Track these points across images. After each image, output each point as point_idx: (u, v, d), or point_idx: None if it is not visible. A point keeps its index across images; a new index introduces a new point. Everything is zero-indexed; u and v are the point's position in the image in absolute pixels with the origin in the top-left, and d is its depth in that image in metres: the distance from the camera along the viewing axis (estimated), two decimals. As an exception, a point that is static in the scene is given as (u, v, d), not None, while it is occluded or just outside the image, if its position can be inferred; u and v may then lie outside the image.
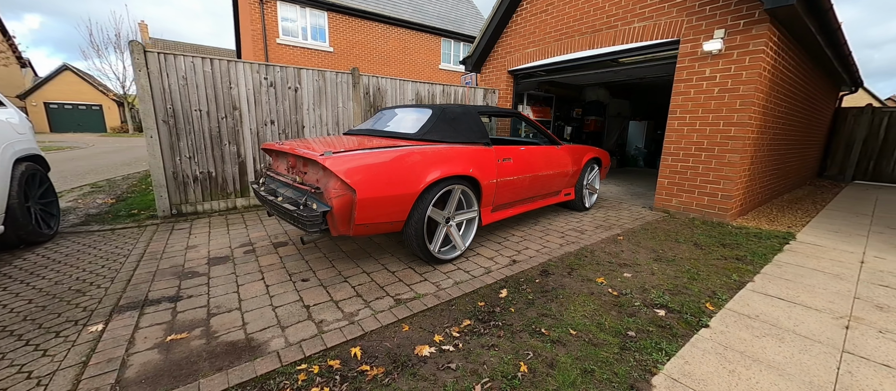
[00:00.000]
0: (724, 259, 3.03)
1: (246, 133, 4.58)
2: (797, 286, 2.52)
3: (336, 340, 1.90)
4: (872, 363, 1.69)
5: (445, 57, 15.07)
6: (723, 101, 4.15)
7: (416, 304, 2.27)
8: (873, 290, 2.48)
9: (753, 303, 2.25)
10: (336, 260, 2.99)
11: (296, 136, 4.96)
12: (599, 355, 1.70)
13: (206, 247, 3.28)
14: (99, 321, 2.07)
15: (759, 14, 3.78)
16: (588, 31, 5.44)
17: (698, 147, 4.42)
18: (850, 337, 1.90)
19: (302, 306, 2.26)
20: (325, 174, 2.41)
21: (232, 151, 4.52)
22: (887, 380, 1.57)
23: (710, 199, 4.38)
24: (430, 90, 6.21)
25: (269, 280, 2.62)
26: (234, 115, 4.46)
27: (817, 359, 1.70)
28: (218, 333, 1.97)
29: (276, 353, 1.79)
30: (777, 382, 1.53)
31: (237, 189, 4.64)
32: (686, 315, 2.07)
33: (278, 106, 4.76)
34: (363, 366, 1.69)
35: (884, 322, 2.06)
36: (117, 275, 2.68)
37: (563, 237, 3.67)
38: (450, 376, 1.58)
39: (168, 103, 4.05)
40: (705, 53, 4.19)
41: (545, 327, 1.95)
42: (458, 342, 1.86)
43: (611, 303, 2.25)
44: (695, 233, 3.80)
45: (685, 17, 4.35)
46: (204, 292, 2.43)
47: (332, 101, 5.18)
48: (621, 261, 3.00)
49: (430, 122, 3.05)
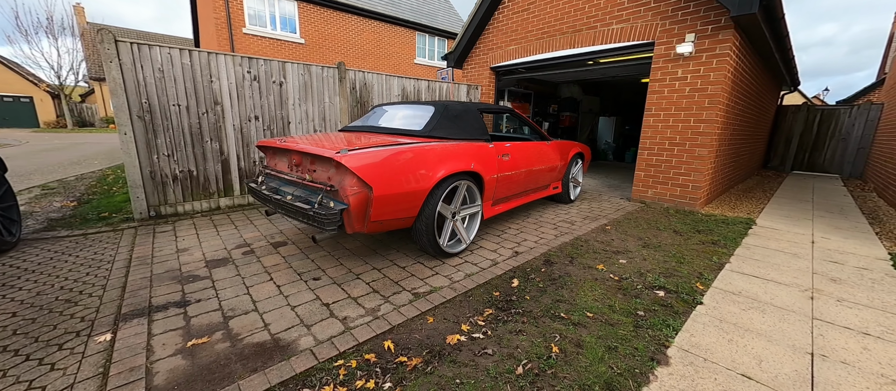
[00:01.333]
0: (702, 244, 3.36)
1: (229, 129, 4.37)
2: (766, 265, 2.87)
3: (366, 335, 1.93)
4: (837, 326, 1.99)
5: (420, 52, 14.99)
6: (693, 100, 4.53)
7: (435, 297, 2.34)
8: (826, 266, 2.88)
9: (735, 281, 2.54)
10: (342, 258, 2.98)
11: (281, 132, 4.80)
12: (618, 333, 1.87)
13: (199, 249, 3.14)
14: (104, 330, 1.96)
15: (725, 20, 4.16)
16: (569, 30, 5.69)
17: (671, 142, 4.79)
18: (816, 306, 2.22)
19: (321, 304, 2.26)
20: (339, 171, 2.40)
21: (214, 149, 4.30)
22: (851, 339, 1.87)
23: (682, 190, 4.79)
24: (415, 86, 6.21)
25: (279, 280, 2.58)
26: (215, 110, 4.24)
27: (794, 326, 1.98)
28: (241, 335, 1.93)
29: (310, 351, 1.80)
30: (768, 346, 1.77)
31: (220, 188, 4.43)
32: (682, 294, 2.31)
33: (263, 101, 4.58)
34: (400, 357, 1.75)
35: (839, 292, 2.41)
36: (108, 283, 2.52)
37: (557, 228, 3.87)
38: (489, 361, 1.68)
39: (143, 97, 3.79)
40: (678, 55, 4.55)
41: (563, 312, 2.10)
42: (485, 330, 1.96)
43: (615, 287, 2.45)
44: (672, 222, 4.15)
45: (660, 21, 4.68)
46: (212, 295, 2.35)
47: (318, 96, 5.06)
48: (614, 248, 3.24)
49: (435, 119, 3.10)
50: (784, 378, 1.56)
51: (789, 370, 1.61)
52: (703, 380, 1.54)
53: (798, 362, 1.67)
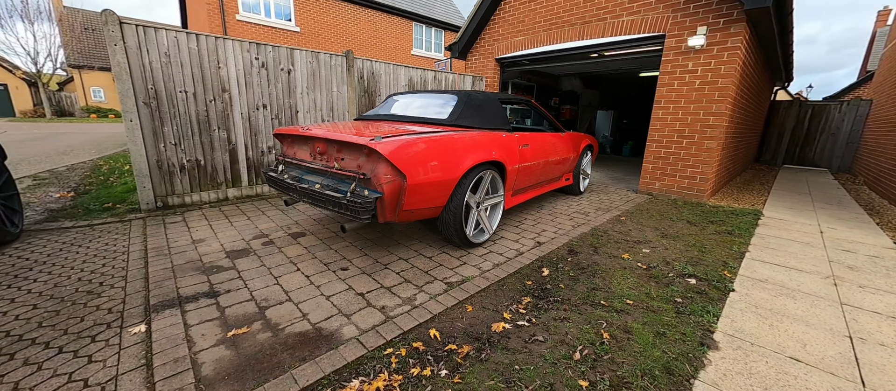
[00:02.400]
0: (718, 234, 3.43)
1: (237, 117, 4.25)
2: (783, 254, 2.94)
3: (409, 324, 1.91)
4: (866, 311, 2.06)
5: (417, 42, 14.80)
6: (703, 93, 4.59)
7: (470, 286, 2.33)
8: (840, 255, 2.97)
9: (759, 270, 2.60)
10: (366, 248, 2.94)
11: (289, 121, 4.69)
12: (662, 320, 1.89)
13: (216, 240, 3.05)
14: (136, 322, 1.89)
15: (737, 13, 4.20)
16: (577, 22, 5.68)
17: (680, 135, 4.86)
18: (841, 292, 2.29)
19: (355, 294, 2.22)
20: (370, 159, 2.35)
21: (222, 137, 4.18)
22: (883, 323, 1.93)
23: (689, 182, 4.87)
24: (422, 76, 6.13)
25: (307, 270, 2.53)
26: (223, 97, 4.11)
27: (826, 311, 2.03)
28: (281, 325, 1.89)
29: (356, 340, 1.77)
30: (807, 331, 1.82)
31: (228, 178, 4.31)
32: (713, 282, 2.35)
33: (271, 89, 4.46)
34: (449, 345, 1.73)
35: (859, 279, 2.50)
36: (128, 274, 2.43)
37: (572, 219, 3.89)
38: (542, 348, 1.68)
39: (149, 83, 3.64)
40: (689, 48, 4.59)
41: (602, 299, 2.12)
42: (529, 317, 1.96)
43: (645, 275, 2.48)
44: (683, 213, 4.22)
45: (671, 14, 4.70)
46: (241, 286, 2.29)
47: (326, 84, 4.95)
48: (634, 239, 3.27)
49: (459, 108, 3.07)
50: (830, 360, 1.61)
51: (834, 352, 1.66)
52: (755, 363, 1.57)
53: (840, 345, 1.72)
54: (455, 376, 1.51)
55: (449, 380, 1.49)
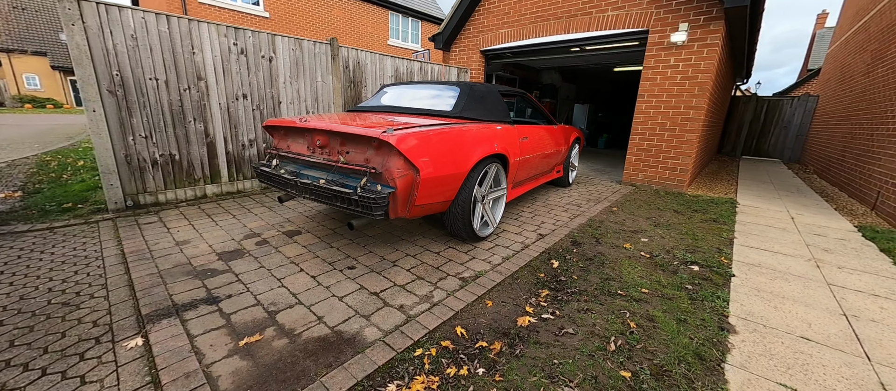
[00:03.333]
0: (705, 222, 3.62)
1: (214, 108, 3.93)
2: (766, 239, 3.15)
3: (433, 322, 1.85)
4: (850, 290, 2.24)
5: (394, 33, 14.44)
6: (684, 88, 4.79)
7: (484, 281, 2.30)
8: (814, 239, 3.22)
9: (750, 255, 2.76)
10: (369, 245, 2.83)
11: (272, 113, 4.41)
12: (679, 307, 1.96)
13: (203, 241, 2.82)
14: (130, 335, 1.70)
15: (716, 11, 4.41)
16: (563, 15, 5.74)
17: (662, 127, 5.06)
18: (825, 273, 2.48)
19: (369, 294, 2.13)
20: (380, 152, 2.24)
21: (198, 130, 3.86)
22: (867, 300, 2.11)
23: (671, 173, 5.10)
24: (408, 67, 5.97)
25: (311, 270, 2.40)
26: (198, 86, 3.79)
27: (818, 292, 2.19)
28: (296, 330, 1.77)
29: (382, 342, 1.69)
30: (808, 311, 1.95)
31: (206, 174, 4.00)
32: (714, 268, 2.47)
33: (251, 77, 4.16)
34: (480, 343, 1.70)
35: (836, 261, 2.72)
36: (108, 281, 2.19)
37: (567, 211, 3.96)
38: (574, 340, 1.68)
39: (114, 69, 3.28)
40: (671, 44, 4.76)
41: (618, 289, 2.16)
42: (552, 310, 1.96)
43: (650, 263, 2.56)
44: (667, 202, 4.41)
45: (654, 10, 4.85)
46: (242, 290, 2.13)
47: (310, 73, 4.69)
48: (630, 228, 3.38)
49: (463, 100, 3.00)
50: (835, 337, 1.73)
51: (835, 330, 1.79)
52: (772, 344, 1.66)
53: (838, 323, 1.85)
54: (495, 374, 1.48)
55: (489, 379, 1.45)
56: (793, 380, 1.44)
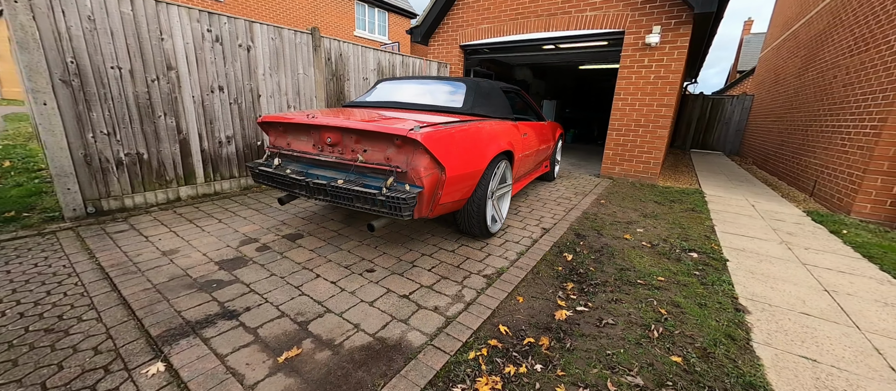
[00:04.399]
0: (685, 211, 3.93)
1: (187, 101, 3.56)
2: (740, 226, 3.50)
3: (475, 322, 1.84)
4: (821, 268, 2.56)
5: (360, 23, 13.94)
6: (656, 86, 5.15)
7: (509, 277, 2.32)
8: (776, 224, 3.63)
9: (733, 241, 3.06)
10: (381, 246, 2.74)
11: (251, 107, 4.09)
12: (695, 292, 2.12)
13: (193, 250, 2.56)
14: (147, 360, 1.51)
15: (686, 16, 4.76)
16: (544, 13, 5.88)
17: (637, 124, 5.40)
18: (797, 254, 2.81)
19: (399, 297, 2.07)
20: (403, 150, 2.17)
21: (169, 125, 3.48)
22: (837, 277, 2.43)
23: (644, 166, 5.47)
24: (390, 60, 5.81)
25: (329, 275, 2.27)
26: (168, 76, 3.41)
27: (798, 271, 2.48)
28: (336, 340, 1.68)
29: (431, 346, 1.65)
30: (797, 289, 2.21)
31: (179, 175, 3.63)
32: (710, 254, 2.70)
33: (228, 68, 3.82)
34: (527, 339, 1.72)
35: (801, 243, 3.09)
36: (95, 301, 1.92)
37: (560, 204, 4.11)
38: (617, 330, 1.76)
39: (68, 55, 2.85)
40: (645, 45, 5.08)
41: (636, 278, 2.29)
42: (584, 302, 2.03)
43: (654, 252, 2.74)
44: (646, 194, 4.73)
45: (630, 12, 5.14)
46: (259, 300, 1.97)
47: (291, 65, 4.41)
48: (623, 220, 3.58)
49: (471, 97, 2.98)
50: (827, 311, 1.98)
51: (824, 305, 2.04)
52: (782, 321, 1.86)
53: (824, 298, 2.12)
54: (555, 369, 1.51)
55: (552, 375, 1.48)
56: (810, 352, 1.62)
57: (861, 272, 2.52)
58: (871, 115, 3.97)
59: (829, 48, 5.63)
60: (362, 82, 5.39)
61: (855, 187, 3.99)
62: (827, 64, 5.61)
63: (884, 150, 3.74)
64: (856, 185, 3.99)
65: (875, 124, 3.87)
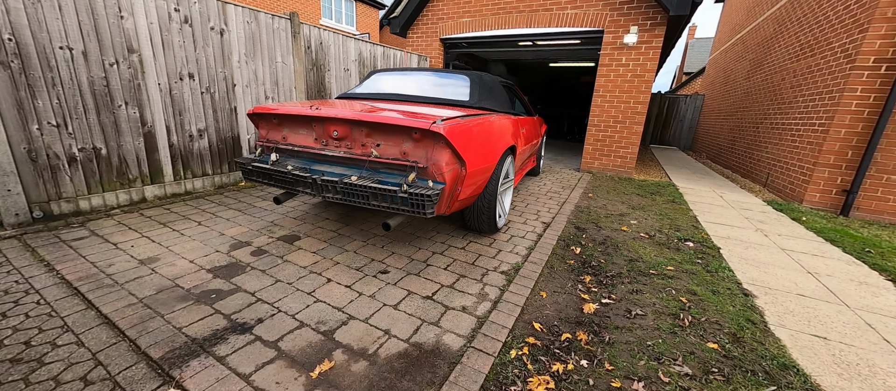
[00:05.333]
0: (667, 203, 4.16)
1: (152, 89, 3.17)
2: (718, 215, 3.76)
3: (508, 321, 1.80)
4: (798, 252, 2.81)
5: (326, 11, 13.29)
6: (633, 84, 5.39)
7: (526, 272, 2.30)
8: (746, 213, 3.95)
9: (717, 229, 3.27)
10: (388, 246, 2.61)
11: (225, 97, 3.73)
12: (704, 279, 2.23)
13: (177, 257, 2.28)
14: (155, 388, 1.30)
15: (661, 18, 5.02)
16: (526, 10, 5.94)
17: (615, 120, 5.64)
18: (773, 240, 3.07)
19: (422, 298, 1.97)
20: (421, 145, 2.06)
21: (132, 116, 3.07)
22: (813, 259, 2.68)
23: (621, 161, 5.73)
24: (371, 51, 5.57)
25: (341, 279, 2.12)
26: (130, 60, 3.00)
27: (781, 256, 2.71)
28: (369, 349, 1.56)
29: (471, 348, 1.58)
30: (787, 273, 2.40)
31: (145, 173, 3.22)
32: (703, 243, 2.86)
33: (199, 53, 3.44)
34: (564, 334, 1.70)
35: (771, 229, 3.38)
36: (68, 322, 1.63)
37: (551, 198, 4.18)
38: (648, 321, 1.79)
39: (5, 32, 2.40)
40: (623, 44, 5.29)
41: (648, 269, 2.36)
42: (608, 294, 2.06)
43: (654, 243, 2.86)
44: (626, 187, 4.96)
45: (609, 11, 5.32)
46: (271, 310, 1.79)
47: (268, 52, 4.07)
48: (614, 212, 3.71)
49: (476, 90, 2.92)
50: (817, 291, 2.17)
51: (814, 286, 2.24)
52: (785, 302, 2.00)
53: (811, 281, 2.32)
54: (603, 363, 1.50)
55: (601, 370, 1.47)
56: (819, 331, 1.77)
57: (829, 255, 2.80)
58: (819, 114, 4.44)
59: (777, 52, 6.22)
60: (343, 73, 5.12)
61: (806, 179, 4.45)
62: (775, 67, 6.20)
63: (830, 146, 4.20)
64: (807, 177, 4.45)
65: (823, 122, 4.33)
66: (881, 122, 3.88)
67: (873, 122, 3.97)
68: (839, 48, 4.32)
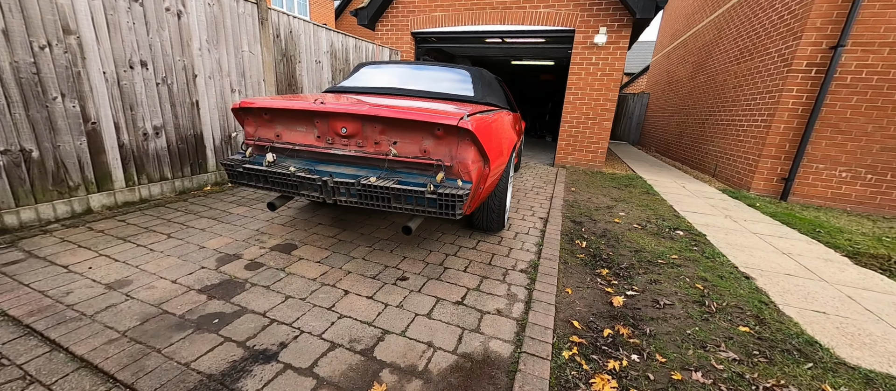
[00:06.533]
0: (643, 195, 4.43)
1: (95, 78, 2.67)
2: (691, 205, 4.08)
3: (548, 321, 1.76)
4: (766, 235, 3.13)
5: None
6: (603, 83, 5.67)
7: (545, 270, 2.28)
8: (711, 202, 4.34)
9: (695, 218, 3.54)
10: (397, 250, 2.46)
11: (184, 88, 3.27)
12: (708, 265, 2.37)
13: (152, 277, 1.94)
14: (178, 443, 1.07)
15: (627, 20, 5.32)
16: (499, 6, 5.96)
17: (586, 116, 5.89)
18: (745, 225, 3.38)
19: (454, 304, 1.87)
20: (445, 142, 1.93)
21: (71, 111, 2.56)
22: (781, 241, 3.00)
23: (592, 156, 6.01)
24: (343, 43, 5.25)
25: (359, 290, 1.94)
26: (66, 43, 2.50)
27: (756, 241, 2.99)
28: (418, 366, 1.43)
29: (525, 354, 1.52)
30: (768, 255, 2.65)
31: (89, 178, 2.71)
32: (690, 231, 3.07)
33: (152, 38, 2.97)
34: (605, 330, 1.71)
35: (737, 215, 3.74)
36: (30, 369, 1.30)
37: (538, 194, 4.25)
38: (677, 309, 1.85)
39: None
40: (593, 44, 5.53)
41: (655, 259, 2.47)
42: (630, 286, 2.11)
43: (649, 234, 3.01)
44: (601, 180, 5.21)
45: (579, 12, 5.53)
46: (292, 332, 1.57)
47: (234, 40, 3.64)
48: (602, 205, 3.87)
49: (479, 86, 2.83)
50: (798, 270, 2.41)
51: (793, 265, 2.49)
52: (779, 282, 2.20)
53: (789, 261, 2.58)
54: (653, 356, 1.52)
55: (654, 363, 1.49)
56: (816, 306, 1.96)
57: (790, 236, 3.16)
58: (762, 111, 5.01)
59: (718, 56, 6.92)
60: (315, 66, 4.75)
61: (752, 169, 5.01)
62: (717, 69, 6.89)
63: (772, 140, 4.76)
64: (753, 167, 5.00)
65: (765, 119, 4.89)
66: (812, 119, 4.47)
67: (806, 119, 4.55)
68: (776, 53, 4.89)
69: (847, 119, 4.41)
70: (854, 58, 4.25)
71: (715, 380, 1.37)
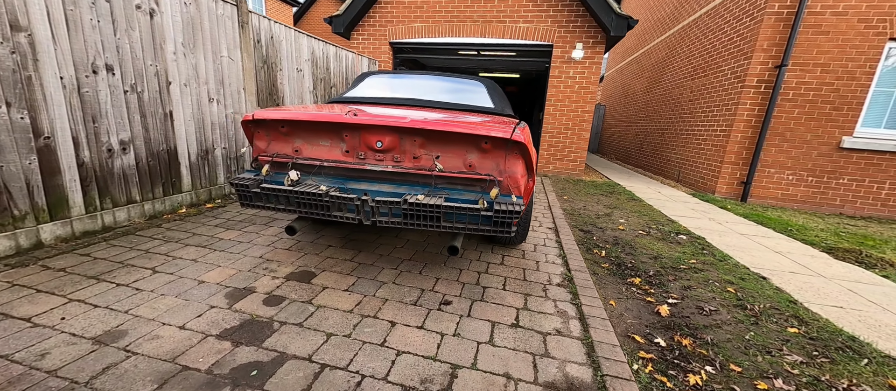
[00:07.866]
0: (630, 201, 4.65)
1: (50, 84, 2.23)
2: (675, 210, 4.35)
3: (611, 338, 1.71)
4: (751, 235, 3.40)
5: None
6: (581, 96, 5.94)
7: (581, 282, 2.25)
8: (690, 205, 4.66)
9: (686, 222, 3.76)
10: (425, 270, 2.29)
11: (157, 95, 2.86)
12: (725, 268, 2.49)
13: (149, 325, 1.61)
14: None
15: (601, 37, 5.64)
16: (480, 19, 6.05)
17: (566, 127, 6.12)
18: (729, 227, 3.65)
19: (512, 328, 1.75)
20: (492, 156, 1.84)
21: (18, 123, 2.10)
22: (766, 239, 3.26)
23: (572, 165, 6.24)
24: (324, 50, 4.97)
25: (405, 320, 1.76)
26: (14, 42, 2.06)
27: (745, 240, 3.23)
28: (508, 405, 1.30)
29: (609, 377, 1.45)
30: (764, 254, 2.86)
31: (39, 205, 2.23)
32: (691, 236, 3.24)
33: (120, 38, 2.56)
34: (667, 344, 1.70)
35: (718, 218, 4.04)
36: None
37: (535, 204, 4.28)
38: (725, 315, 1.90)
39: None
40: (571, 59, 5.79)
41: (677, 264, 2.55)
42: (669, 293, 2.14)
43: (657, 239, 3.12)
44: (586, 189, 5.40)
45: (557, 28, 5.77)
46: (351, 378, 1.36)
47: (212, 44, 3.28)
48: (600, 213, 3.98)
49: (495, 96, 2.79)
50: (796, 268, 2.63)
51: (788, 263, 2.71)
52: (790, 282, 2.36)
53: (782, 259, 2.81)
54: (727, 365, 1.52)
55: (732, 373, 1.49)
56: (831, 301, 2.12)
57: (772, 236, 3.47)
58: (720, 122, 5.54)
59: (672, 72, 7.59)
60: (296, 74, 4.44)
61: (715, 175, 5.50)
62: (672, 84, 7.55)
63: (732, 147, 5.27)
64: (716, 173, 5.49)
65: (724, 129, 5.41)
66: (763, 129, 5.02)
67: (759, 129, 5.11)
68: (729, 71, 5.45)
69: (791, 128, 5.02)
70: (795, 76, 4.87)
71: (797, 386, 1.40)
